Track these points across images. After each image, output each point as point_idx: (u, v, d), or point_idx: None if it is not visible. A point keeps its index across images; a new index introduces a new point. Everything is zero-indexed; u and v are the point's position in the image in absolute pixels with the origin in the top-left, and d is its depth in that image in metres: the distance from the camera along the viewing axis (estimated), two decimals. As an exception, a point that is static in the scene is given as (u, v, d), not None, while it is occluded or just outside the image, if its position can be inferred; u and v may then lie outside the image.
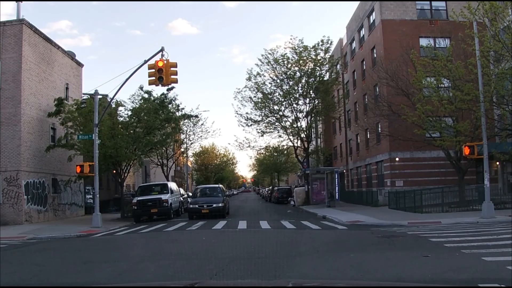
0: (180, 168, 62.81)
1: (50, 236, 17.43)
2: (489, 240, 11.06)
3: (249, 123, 38.04)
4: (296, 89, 36.53)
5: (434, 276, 7.16)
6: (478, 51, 17.87)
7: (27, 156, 24.38)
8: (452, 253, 9.40)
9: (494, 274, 7.26)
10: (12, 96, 23.83)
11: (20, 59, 23.95)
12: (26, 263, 10.23)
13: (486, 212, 17.20)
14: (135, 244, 14.07)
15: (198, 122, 45.88)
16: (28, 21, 24.78)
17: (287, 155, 56.72)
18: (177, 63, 17.26)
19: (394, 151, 29.27)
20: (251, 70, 37.18)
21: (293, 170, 69.48)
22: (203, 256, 10.01)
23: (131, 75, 19.67)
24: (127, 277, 8.08)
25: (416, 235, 13.30)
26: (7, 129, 23.66)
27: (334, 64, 37.74)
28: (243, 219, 22.34)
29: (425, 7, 31.20)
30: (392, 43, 28.82)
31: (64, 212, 28.55)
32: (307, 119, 38.26)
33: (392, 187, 28.75)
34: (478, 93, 18.22)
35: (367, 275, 7.43)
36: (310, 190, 35.53)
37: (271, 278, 7.04)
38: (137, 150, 27.25)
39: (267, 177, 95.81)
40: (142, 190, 26.12)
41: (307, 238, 13.70)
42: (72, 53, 31.99)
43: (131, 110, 28.86)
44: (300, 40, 35.51)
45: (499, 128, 23.02)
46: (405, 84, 23.54)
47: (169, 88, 27.15)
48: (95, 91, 22.33)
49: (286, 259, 8.98)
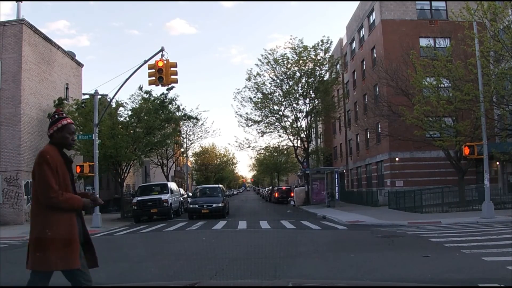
0: (180, 168, 62.80)
1: (50, 236, 17.39)
2: (489, 240, 11.06)
3: (249, 123, 38.10)
4: (296, 89, 36.55)
5: (434, 276, 7.16)
6: (478, 51, 17.87)
7: (27, 156, 24.38)
8: (452, 253, 9.40)
9: (494, 274, 7.25)
10: (12, 96, 23.84)
11: (20, 59, 23.95)
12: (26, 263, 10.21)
13: (486, 212, 17.20)
14: (135, 244, 14.07)
15: (198, 122, 45.92)
16: (28, 21, 24.78)
17: (287, 155, 56.73)
18: (177, 63, 17.26)
19: (394, 151, 29.27)
20: (250, 70, 37.28)
21: (293, 170, 69.49)
22: (203, 256, 10.00)
23: (131, 75, 19.67)
24: (127, 277, 8.07)
25: (416, 235, 13.29)
26: (7, 129, 23.66)
27: (334, 64, 37.75)
28: (243, 219, 22.33)
29: (425, 7, 31.21)
30: (392, 43, 28.82)
31: (64, 212, 28.52)
32: (307, 119, 38.28)
33: (392, 187, 28.75)
34: (478, 93, 18.22)
35: (367, 275, 7.43)
36: (310, 190, 35.52)
37: (271, 278, 7.04)
38: (137, 150, 27.25)
39: (267, 177, 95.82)
40: (142, 190, 26.12)
41: (307, 238, 13.69)
42: (72, 53, 32.00)
43: (131, 110, 28.87)
44: (300, 40, 35.59)
45: (499, 128, 23.01)
46: (405, 84, 23.54)
47: (169, 88, 27.16)
48: (95, 91, 22.33)
49: (286, 259, 8.97)
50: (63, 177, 3.99)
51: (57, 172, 3.94)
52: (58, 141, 4.13)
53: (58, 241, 3.86)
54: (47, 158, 3.94)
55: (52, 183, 3.87)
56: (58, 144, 4.13)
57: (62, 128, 4.13)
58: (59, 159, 4.04)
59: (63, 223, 3.91)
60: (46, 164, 3.91)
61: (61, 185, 3.94)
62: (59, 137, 4.13)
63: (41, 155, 3.98)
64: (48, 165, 3.91)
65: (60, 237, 3.87)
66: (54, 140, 4.14)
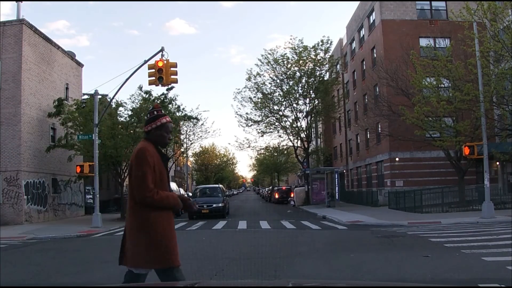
0: (180, 168, 62.82)
1: (50, 236, 17.42)
2: (489, 240, 11.06)
3: (249, 123, 38.10)
4: (296, 89, 36.56)
5: (434, 276, 7.16)
6: (478, 52, 17.87)
7: (27, 156, 24.38)
8: (452, 253, 9.40)
9: (494, 274, 7.25)
10: (12, 96, 23.83)
11: (20, 59, 23.94)
12: (26, 263, 10.23)
13: (486, 212, 17.20)
14: (135, 244, 14.04)
15: (198, 122, 45.86)
16: (28, 21, 24.77)
17: (287, 155, 56.73)
18: (177, 63, 17.25)
19: (394, 151, 29.27)
20: (250, 70, 37.31)
21: (293, 170, 69.49)
22: (203, 256, 9.99)
23: (131, 75, 19.65)
24: (127, 277, 8.06)
25: (416, 235, 13.30)
26: (7, 129, 23.65)
27: (334, 64, 37.76)
28: (243, 219, 22.34)
29: (425, 7, 31.21)
30: (392, 43, 28.83)
31: (64, 212, 28.55)
32: (307, 119, 38.28)
33: (392, 187, 28.75)
34: (478, 93, 18.21)
35: (367, 275, 7.43)
36: (310, 190, 35.53)
37: (271, 278, 7.03)
38: (137, 150, 27.21)
39: (267, 177, 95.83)
40: (142, 190, 26.06)
41: (307, 238, 13.70)
42: (72, 53, 31.98)
43: (131, 110, 28.83)
44: (300, 40, 35.60)
45: (499, 128, 23.01)
46: (405, 84, 23.55)
47: (168, 88, 27.12)
48: (95, 91, 22.32)
49: (286, 259, 8.97)
50: (160, 175, 3.93)
51: (154, 170, 3.88)
52: (154, 139, 4.06)
53: (158, 240, 3.84)
54: (146, 155, 3.87)
55: (149, 181, 3.81)
56: (154, 141, 4.06)
57: (161, 126, 4.06)
58: (157, 156, 3.97)
59: (161, 222, 3.88)
60: (144, 162, 3.84)
61: (157, 183, 3.88)
62: (157, 135, 4.06)
63: (140, 152, 3.90)
64: (147, 163, 3.84)
65: (160, 236, 3.85)
66: (151, 137, 4.06)
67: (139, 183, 3.82)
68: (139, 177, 3.83)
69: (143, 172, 3.82)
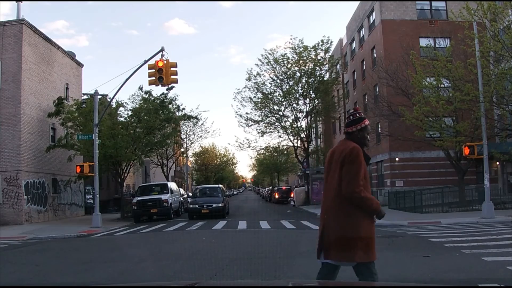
0: (180, 168, 62.81)
1: (50, 236, 17.43)
2: (489, 240, 11.06)
3: (249, 123, 38.07)
4: (296, 89, 36.53)
5: (434, 276, 7.16)
6: (478, 52, 17.87)
7: (27, 156, 24.38)
8: (452, 253, 9.40)
9: (494, 274, 7.26)
10: (12, 96, 23.83)
11: (20, 59, 23.94)
12: (26, 263, 10.23)
13: (486, 212, 17.20)
14: (135, 244, 14.07)
15: (198, 122, 45.88)
16: (28, 21, 24.77)
17: (287, 155, 56.71)
18: (177, 63, 17.26)
19: (394, 151, 29.26)
20: (251, 70, 37.27)
21: (293, 170, 69.47)
22: (203, 256, 10.00)
23: (131, 75, 19.67)
24: (127, 277, 8.08)
25: (416, 235, 13.30)
26: (7, 129, 23.66)
27: (334, 64, 37.75)
28: (243, 219, 22.33)
29: (425, 7, 31.20)
30: (392, 43, 28.81)
31: (64, 212, 28.55)
32: (307, 119, 38.28)
33: (392, 187, 28.75)
34: (478, 93, 18.21)
35: (367, 275, 7.41)
36: (310, 190, 35.52)
37: (271, 278, 7.04)
38: (137, 150, 27.24)
39: (267, 177, 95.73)
40: (142, 190, 26.12)
41: (307, 238, 13.68)
42: (72, 53, 31.99)
43: (131, 110, 28.85)
44: (300, 40, 35.57)
45: (499, 128, 23.01)
46: (405, 84, 23.54)
47: (168, 88, 27.13)
48: (95, 91, 22.33)
49: (286, 259, 8.97)
50: (365, 175, 4.09)
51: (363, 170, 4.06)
52: (356, 140, 4.23)
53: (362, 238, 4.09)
54: (360, 154, 4.05)
55: (360, 178, 3.98)
56: (356, 142, 4.22)
57: (365, 128, 4.26)
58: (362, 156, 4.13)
59: (366, 223, 4.12)
60: (359, 159, 4.02)
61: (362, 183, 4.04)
62: (360, 136, 4.24)
63: (356, 150, 4.07)
64: (360, 161, 4.02)
65: (364, 234, 4.10)
66: (353, 138, 4.24)
67: (350, 178, 3.99)
68: (352, 172, 4.00)
69: (357, 168, 4.00)
